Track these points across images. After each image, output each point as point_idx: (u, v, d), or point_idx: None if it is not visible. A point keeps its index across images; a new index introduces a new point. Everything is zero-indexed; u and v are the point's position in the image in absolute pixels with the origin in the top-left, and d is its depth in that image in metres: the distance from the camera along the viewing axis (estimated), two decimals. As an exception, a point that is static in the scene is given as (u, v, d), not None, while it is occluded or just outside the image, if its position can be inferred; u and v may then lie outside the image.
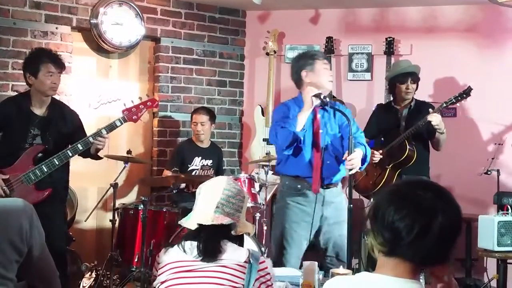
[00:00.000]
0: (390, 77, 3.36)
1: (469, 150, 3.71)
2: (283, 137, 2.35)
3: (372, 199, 3.26)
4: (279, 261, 2.46)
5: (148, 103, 2.81)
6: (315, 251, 2.64)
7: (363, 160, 2.40)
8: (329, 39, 3.93)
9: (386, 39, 3.82)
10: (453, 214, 1.06)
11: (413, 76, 3.25)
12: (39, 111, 2.68)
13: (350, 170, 2.30)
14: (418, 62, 3.84)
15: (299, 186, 2.47)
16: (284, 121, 2.38)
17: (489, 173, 3.30)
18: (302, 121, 2.35)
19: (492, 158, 3.35)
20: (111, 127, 2.68)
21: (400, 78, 3.24)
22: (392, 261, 1.07)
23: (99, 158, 2.83)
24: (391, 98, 3.41)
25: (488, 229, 2.73)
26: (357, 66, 4.00)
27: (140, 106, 2.75)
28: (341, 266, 2.28)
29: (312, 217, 2.43)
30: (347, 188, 2.37)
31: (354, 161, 2.28)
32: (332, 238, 2.48)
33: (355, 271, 2.71)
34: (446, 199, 1.07)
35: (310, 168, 2.43)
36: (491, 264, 3.35)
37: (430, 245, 1.04)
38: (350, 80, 4.00)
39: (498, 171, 3.31)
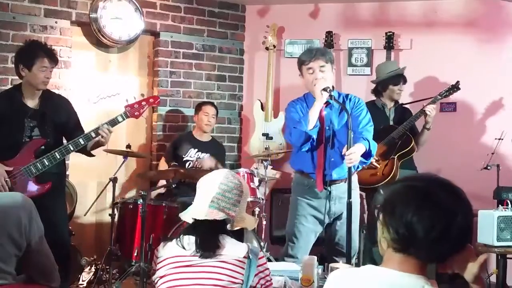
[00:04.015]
0: (383, 79, 3.42)
1: (468, 145, 3.71)
2: (296, 137, 2.39)
3: (382, 191, 3.26)
4: (288, 255, 2.50)
5: (150, 100, 2.84)
6: (316, 245, 2.65)
7: (368, 155, 2.39)
8: (329, 34, 3.92)
9: (386, 33, 3.81)
10: (469, 214, 1.05)
11: (404, 77, 3.43)
12: (31, 102, 2.68)
13: (349, 165, 2.30)
14: (418, 57, 3.84)
15: (306, 182, 2.50)
16: (297, 121, 2.41)
17: (489, 168, 3.30)
18: (314, 117, 2.37)
19: (492, 153, 3.34)
20: (113, 123, 2.69)
21: (394, 80, 3.38)
22: (401, 256, 1.05)
23: (92, 155, 2.83)
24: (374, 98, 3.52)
25: (487, 224, 2.72)
26: (356, 61, 3.99)
27: (142, 103, 2.77)
28: (341, 261, 2.29)
29: (319, 211, 2.48)
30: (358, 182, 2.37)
31: (352, 155, 2.27)
32: (340, 231, 2.51)
33: (355, 266, 2.71)
34: (462, 198, 1.06)
35: (313, 165, 2.46)
36: (490, 259, 3.35)
37: (446, 246, 1.03)
38: (350, 74, 3.99)
39: (498, 166, 3.30)
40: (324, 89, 2.35)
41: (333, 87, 2.46)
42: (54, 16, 3.50)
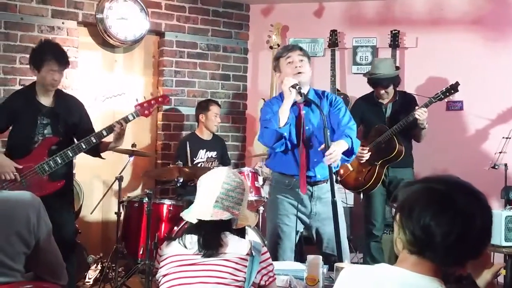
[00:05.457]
0: (371, 78, 3.30)
1: (476, 144, 3.68)
2: (268, 136, 2.30)
3: (401, 191, 3.17)
4: (274, 255, 2.43)
5: (159, 99, 2.87)
6: (310, 244, 2.60)
7: (350, 153, 2.31)
8: (333, 32, 3.91)
9: (391, 31, 3.79)
10: (488, 218, 1.03)
11: (394, 80, 3.27)
12: (45, 101, 2.71)
13: (330, 164, 2.20)
14: (423, 55, 3.81)
15: (287, 181, 2.41)
16: (268, 120, 2.32)
17: (496, 167, 3.27)
18: (284, 115, 2.27)
19: (500, 152, 3.32)
20: (124, 121, 2.71)
21: (381, 82, 3.23)
22: (416, 258, 1.04)
23: (101, 157, 2.85)
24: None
25: (495, 224, 2.64)
26: (361, 59, 3.98)
27: (151, 102, 2.80)
28: (346, 260, 2.27)
29: (300, 211, 2.38)
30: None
31: (333, 154, 2.18)
32: (325, 234, 2.41)
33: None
34: (482, 202, 1.04)
35: (296, 166, 2.36)
36: (498, 260, 3.32)
37: (463, 251, 1.02)
38: (355, 73, 3.98)
39: (505, 165, 3.28)
40: (293, 86, 2.26)
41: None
42: (61, 17, 3.53)
